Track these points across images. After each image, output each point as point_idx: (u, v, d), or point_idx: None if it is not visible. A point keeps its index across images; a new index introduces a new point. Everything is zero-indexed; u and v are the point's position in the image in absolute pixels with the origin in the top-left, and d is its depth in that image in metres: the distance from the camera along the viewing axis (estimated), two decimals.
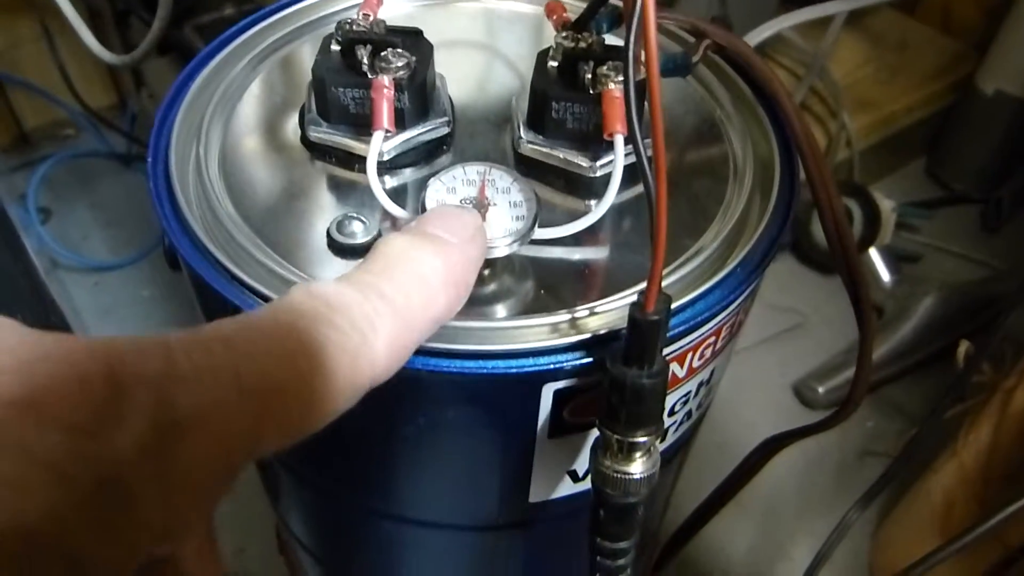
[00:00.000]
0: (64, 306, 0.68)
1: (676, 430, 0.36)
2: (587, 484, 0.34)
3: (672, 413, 0.34)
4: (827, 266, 1.20)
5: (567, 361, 0.27)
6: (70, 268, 1.15)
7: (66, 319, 0.68)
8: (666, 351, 0.29)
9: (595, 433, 0.29)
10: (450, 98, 0.37)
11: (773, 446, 0.53)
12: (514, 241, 0.28)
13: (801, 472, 1.01)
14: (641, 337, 0.25)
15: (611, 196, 0.31)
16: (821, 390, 1.04)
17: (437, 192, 0.29)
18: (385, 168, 0.34)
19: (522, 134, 0.35)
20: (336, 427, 0.32)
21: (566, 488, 0.34)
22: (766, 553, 0.93)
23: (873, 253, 1.14)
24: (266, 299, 0.28)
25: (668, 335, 0.29)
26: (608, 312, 0.29)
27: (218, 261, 0.29)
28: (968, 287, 1.11)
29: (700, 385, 0.34)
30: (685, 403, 0.34)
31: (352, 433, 0.32)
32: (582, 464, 0.33)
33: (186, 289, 0.35)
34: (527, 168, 0.35)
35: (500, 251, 0.28)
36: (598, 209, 0.31)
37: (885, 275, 1.13)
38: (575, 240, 0.32)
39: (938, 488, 0.80)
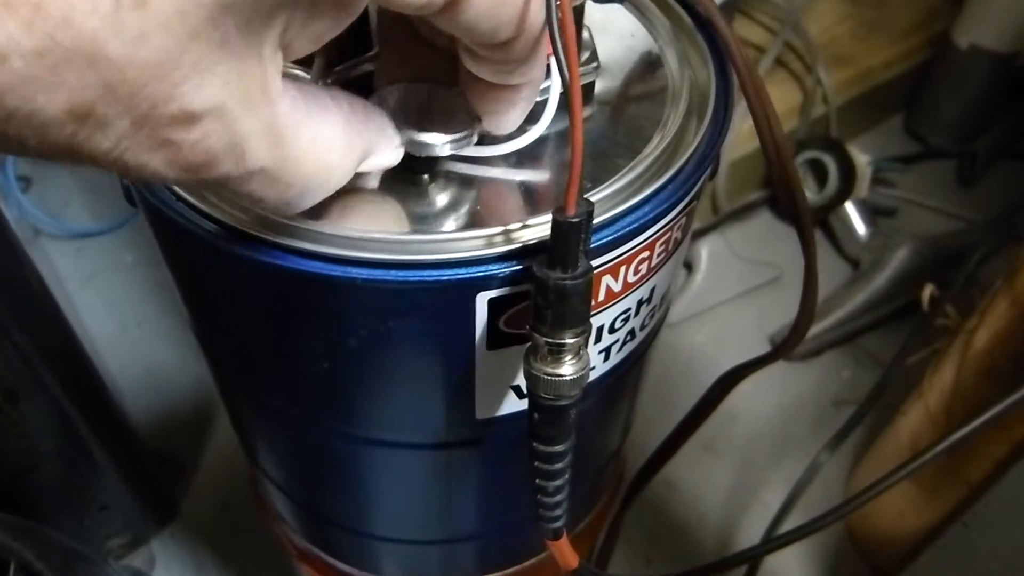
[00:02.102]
0: (47, 274, 0.70)
1: (620, 349, 0.37)
2: None
3: (613, 330, 0.35)
4: None
5: (498, 270, 0.29)
6: (52, 236, 1.16)
7: (48, 287, 0.69)
8: (598, 262, 0.31)
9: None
10: None
11: (733, 377, 0.55)
12: (454, 142, 0.29)
13: (777, 422, 1.03)
14: (563, 239, 0.27)
15: (548, 117, 0.32)
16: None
17: (386, 99, 0.30)
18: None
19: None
20: (284, 343, 0.33)
21: (512, 404, 0.36)
22: (741, 499, 0.96)
23: (849, 207, 1.15)
24: (218, 223, 0.29)
25: (597, 244, 0.30)
26: (540, 226, 0.30)
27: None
28: (942, 238, 1.13)
29: (640, 303, 0.36)
30: (625, 320, 0.36)
31: (298, 349, 0.33)
32: (524, 379, 0.34)
33: None
34: None
35: (440, 150, 0.29)
36: (535, 129, 0.32)
37: (861, 228, 1.15)
38: (513, 161, 0.33)
39: (905, 429, 0.82)
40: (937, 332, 0.84)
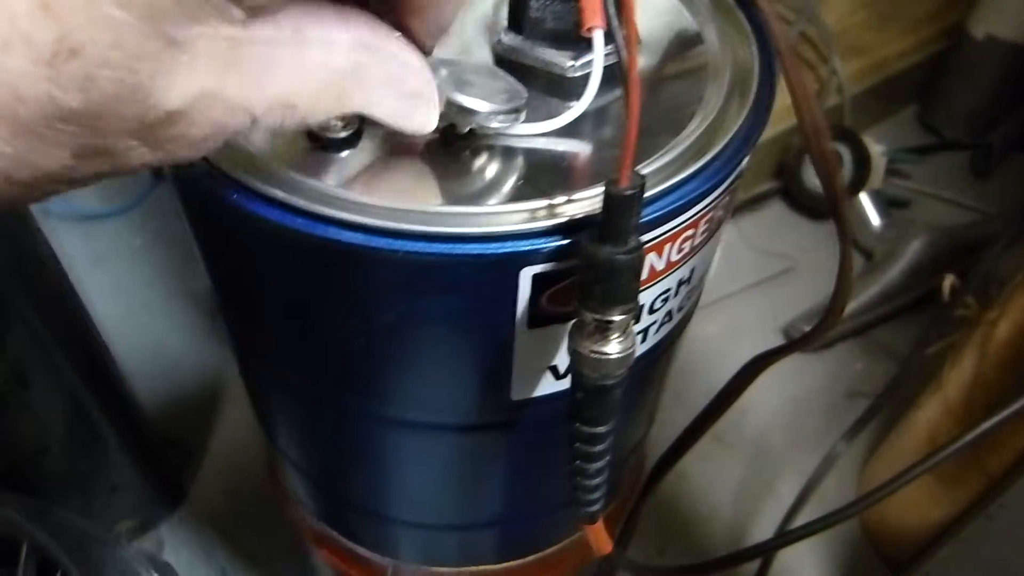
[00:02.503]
0: (56, 255, 0.69)
1: (657, 331, 0.37)
2: (568, 382, 0.35)
3: (653, 311, 0.35)
4: (817, 212, 1.21)
5: (544, 244, 0.28)
6: (61, 217, 1.15)
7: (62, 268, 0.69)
8: (644, 239, 0.30)
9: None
10: None
11: (759, 365, 0.54)
12: (500, 114, 0.29)
13: (790, 414, 1.02)
14: (615, 213, 0.26)
15: (592, 91, 0.32)
16: (796, 337, 1.05)
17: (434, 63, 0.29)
18: None
19: (502, 35, 0.35)
20: (318, 318, 0.32)
21: (548, 385, 0.35)
22: (753, 491, 0.95)
23: (863, 197, 1.15)
24: (249, 189, 0.28)
25: (645, 220, 0.29)
26: (585, 200, 0.29)
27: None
28: (956, 230, 1.12)
29: (680, 284, 0.35)
30: (665, 300, 0.35)
31: (333, 324, 0.32)
32: (563, 360, 0.34)
33: (177, 236, 0.35)
34: (507, 71, 0.35)
35: (485, 120, 0.29)
36: (580, 103, 0.32)
37: (875, 219, 1.14)
38: (556, 136, 0.33)
39: (923, 421, 0.81)
40: (955, 323, 0.84)
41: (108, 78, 0.18)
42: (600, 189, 0.29)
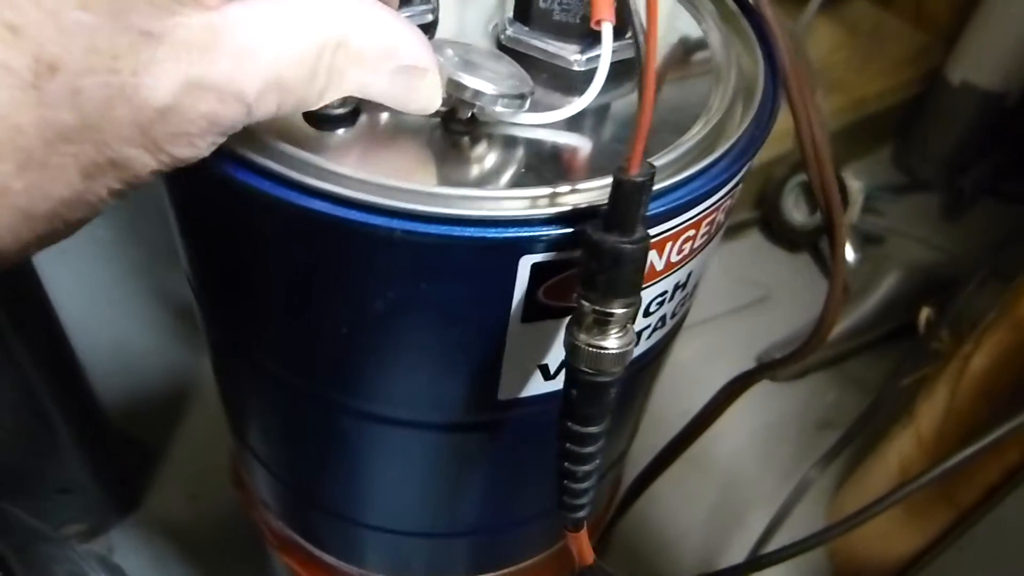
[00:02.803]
0: None
1: (650, 335, 0.36)
2: (557, 384, 0.34)
3: (648, 314, 0.34)
4: (794, 243, 1.22)
5: (546, 232, 0.27)
6: None
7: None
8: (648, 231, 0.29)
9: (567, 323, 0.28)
10: None
11: (738, 385, 0.53)
12: (505, 98, 0.28)
13: (762, 441, 1.02)
14: (624, 200, 0.25)
15: (599, 84, 0.31)
16: (779, 357, 1.05)
17: (438, 49, 0.28)
18: None
19: (507, 25, 0.34)
20: (304, 302, 0.31)
21: (536, 386, 0.34)
22: (724, 516, 0.94)
23: None
24: (240, 159, 0.27)
25: (649, 215, 0.28)
26: (589, 191, 0.28)
27: None
28: (929, 268, 1.14)
29: (676, 287, 0.34)
30: (661, 304, 0.34)
31: (317, 310, 0.31)
32: (554, 358, 0.33)
33: (146, 232, 0.34)
34: None
35: (490, 102, 0.28)
36: (586, 97, 0.31)
37: (850, 254, 1.15)
38: (560, 128, 0.32)
39: (894, 453, 0.81)
40: (928, 357, 0.84)
41: (93, 85, 0.19)
42: (604, 180, 0.28)
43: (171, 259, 1.23)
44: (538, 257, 0.28)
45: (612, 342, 0.27)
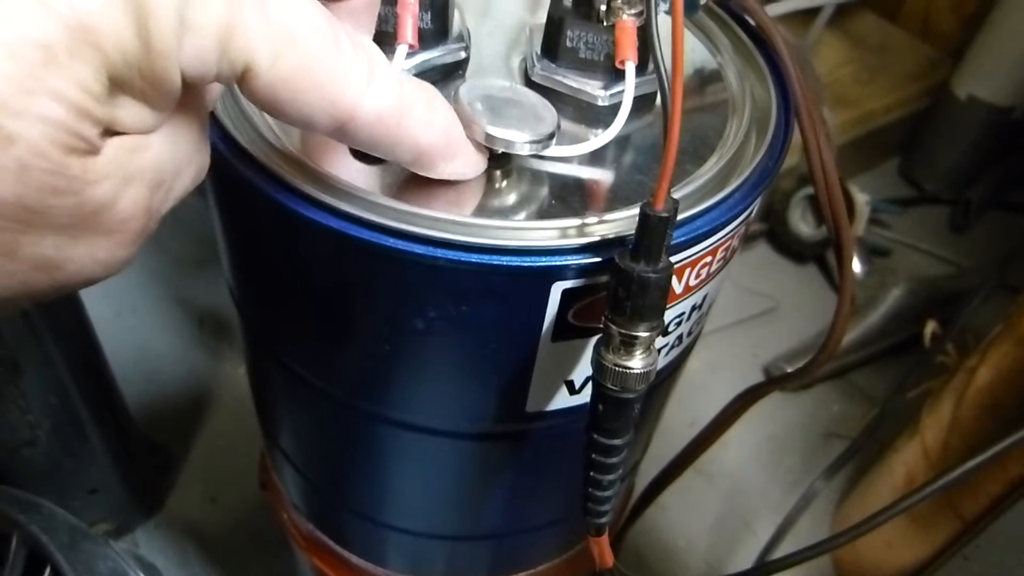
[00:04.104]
0: None
1: (667, 353, 0.38)
2: (581, 398, 0.36)
3: (666, 333, 0.36)
4: (801, 255, 1.23)
5: (576, 260, 0.29)
6: None
7: None
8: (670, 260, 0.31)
9: (593, 343, 0.30)
10: (467, 26, 0.38)
11: (750, 396, 0.55)
12: (534, 143, 0.30)
13: (769, 451, 1.04)
14: (650, 233, 0.27)
15: (622, 119, 0.33)
16: (790, 371, 1.07)
17: (469, 94, 0.30)
18: None
19: (536, 61, 0.36)
20: (349, 321, 0.33)
21: (562, 400, 0.36)
22: (730, 525, 0.96)
23: None
24: (301, 194, 0.29)
25: (671, 244, 0.30)
26: (615, 221, 0.30)
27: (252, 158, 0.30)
28: (935, 281, 1.15)
29: (693, 308, 0.36)
30: (679, 324, 0.36)
31: (363, 328, 0.33)
32: (580, 374, 0.35)
33: (168, 240, 0.36)
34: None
35: (521, 149, 0.30)
36: (610, 131, 0.33)
37: (857, 266, 1.17)
38: (586, 160, 0.34)
39: (900, 464, 0.83)
40: (934, 370, 0.86)
41: (41, 157, 0.18)
42: (629, 212, 0.31)
43: (193, 267, 1.26)
44: (568, 283, 0.30)
45: (637, 362, 0.29)
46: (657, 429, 0.52)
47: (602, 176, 0.34)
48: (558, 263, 0.29)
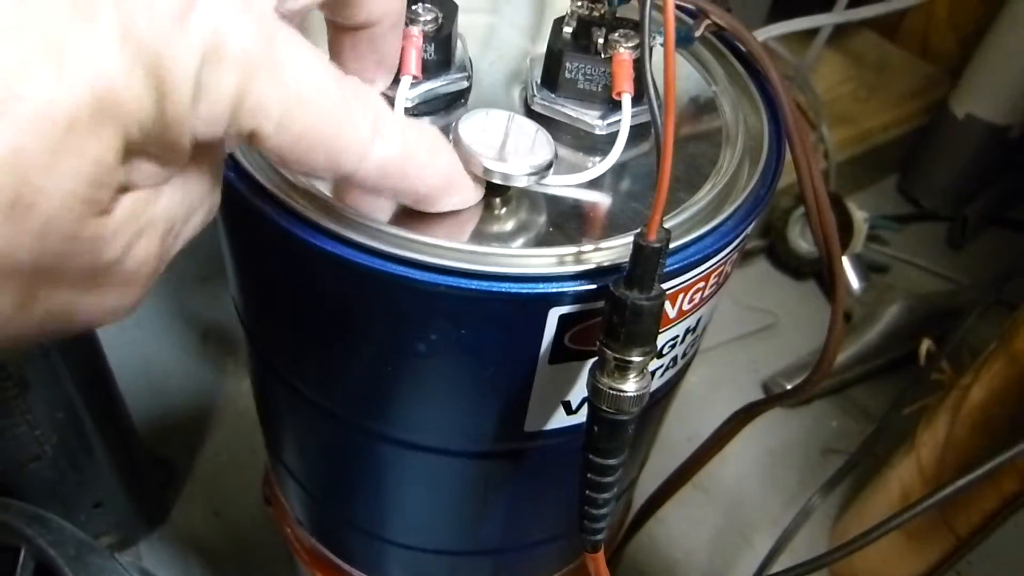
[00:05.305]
0: None
1: (662, 375, 0.39)
2: (578, 418, 0.37)
3: (660, 355, 0.37)
4: (800, 271, 1.25)
5: (572, 287, 0.30)
6: None
7: None
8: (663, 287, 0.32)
9: (589, 366, 0.32)
10: (469, 57, 0.39)
11: (748, 413, 0.56)
12: (532, 175, 0.31)
13: (766, 465, 1.05)
14: (643, 262, 0.28)
15: (619, 148, 0.35)
16: (789, 387, 1.08)
17: (468, 128, 0.31)
18: (408, 115, 0.36)
19: (536, 91, 0.38)
20: (353, 343, 0.34)
21: (559, 420, 0.37)
22: (729, 539, 0.97)
23: (844, 260, 1.19)
24: (299, 218, 0.30)
25: (664, 272, 0.32)
26: (610, 249, 0.32)
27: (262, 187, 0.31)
28: (933, 297, 1.16)
29: (687, 331, 0.37)
30: (673, 347, 0.37)
31: (366, 351, 0.34)
32: (576, 395, 0.36)
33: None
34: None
35: (519, 181, 0.31)
36: (608, 160, 0.34)
37: (855, 282, 1.18)
38: (583, 188, 0.35)
39: (895, 480, 0.84)
40: (930, 387, 0.87)
41: (55, 223, 0.18)
42: (624, 239, 0.32)
43: (197, 282, 1.26)
44: (565, 309, 0.31)
45: (630, 385, 0.30)
46: (656, 444, 0.53)
47: (599, 203, 0.35)
48: (555, 290, 0.30)
